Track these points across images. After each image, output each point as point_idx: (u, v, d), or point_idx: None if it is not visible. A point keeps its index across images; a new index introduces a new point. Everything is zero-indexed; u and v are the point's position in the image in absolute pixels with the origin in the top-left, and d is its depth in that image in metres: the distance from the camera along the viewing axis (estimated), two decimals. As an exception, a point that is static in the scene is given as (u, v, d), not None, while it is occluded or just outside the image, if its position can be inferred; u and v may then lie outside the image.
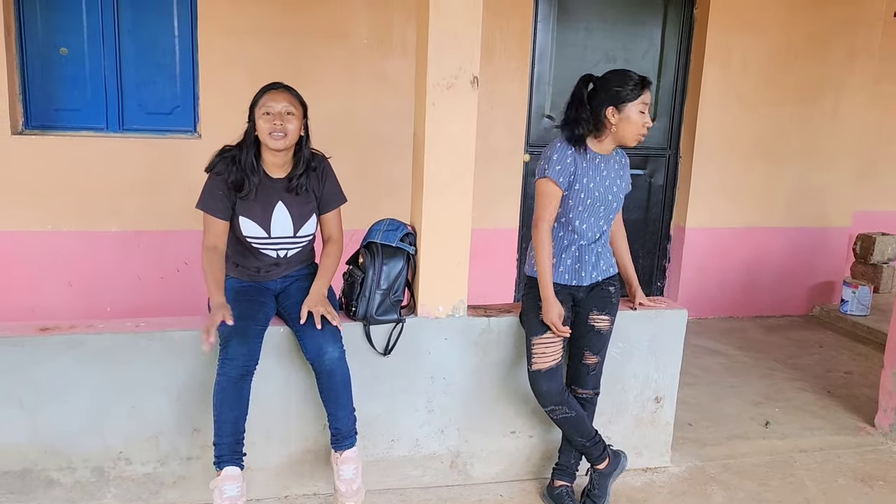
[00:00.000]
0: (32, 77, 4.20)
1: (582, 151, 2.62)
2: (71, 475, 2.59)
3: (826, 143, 5.37)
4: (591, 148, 2.65)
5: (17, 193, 4.17)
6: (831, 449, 3.38)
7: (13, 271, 4.26)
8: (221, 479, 2.40)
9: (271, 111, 2.51)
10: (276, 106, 2.51)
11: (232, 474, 2.41)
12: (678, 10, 5.07)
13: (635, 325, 2.99)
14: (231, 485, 2.39)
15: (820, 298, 5.65)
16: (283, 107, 2.52)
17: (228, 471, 2.41)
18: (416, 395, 2.83)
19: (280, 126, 2.50)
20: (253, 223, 2.60)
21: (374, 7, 4.44)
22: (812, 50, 5.18)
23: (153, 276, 4.44)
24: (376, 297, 2.68)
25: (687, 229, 5.26)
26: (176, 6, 4.29)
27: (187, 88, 4.38)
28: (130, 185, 4.29)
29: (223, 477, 2.40)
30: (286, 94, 2.56)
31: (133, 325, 2.62)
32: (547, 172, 2.59)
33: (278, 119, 2.50)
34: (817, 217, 5.50)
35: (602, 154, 2.67)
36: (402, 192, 3.14)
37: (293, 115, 2.53)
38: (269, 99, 2.53)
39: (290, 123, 2.52)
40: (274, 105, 2.51)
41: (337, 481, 2.56)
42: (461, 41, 2.61)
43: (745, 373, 4.31)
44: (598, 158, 2.66)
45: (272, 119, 2.50)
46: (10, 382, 2.48)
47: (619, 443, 2.99)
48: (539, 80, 4.93)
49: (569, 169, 2.59)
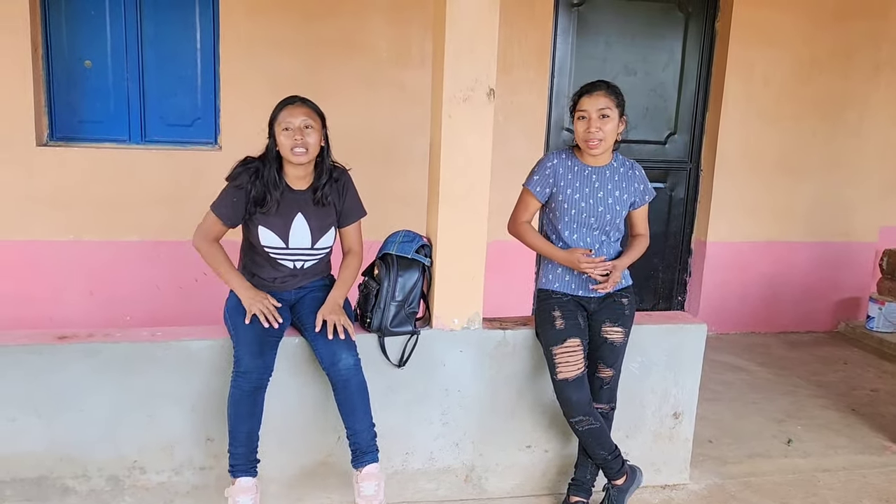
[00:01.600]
0: (58, 89, 4.27)
1: (570, 163, 2.71)
2: (86, 483, 2.60)
3: (850, 158, 5.30)
4: (581, 159, 2.72)
5: (40, 203, 4.23)
6: (856, 468, 3.30)
7: (36, 280, 4.32)
8: (236, 489, 2.43)
9: (290, 126, 2.52)
10: (295, 121, 2.52)
11: (246, 485, 2.43)
12: (699, 24, 5.05)
13: (654, 340, 2.95)
14: (245, 496, 2.42)
15: (845, 314, 5.55)
16: (302, 121, 2.53)
17: (243, 482, 2.44)
18: (430, 408, 2.82)
19: (300, 141, 2.51)
20: (271, 233, 2.61)
21: (393, 19, 4.47)
22: (835, 64, 5.12)
23: (172, 286, 4.47)
24: (391, 308, 2.67)
25: (708, 243, 5.21)
26: (198, 19, 4.35)
27: (208, 100, 4.43)
28: (151, 196, 4.34)
29: (237, 487, 2.43)
30: (304, 107, 2.57)
31: (150, 334, 2.63)
32: (526, 182, 2.78)
33: (298, 134, 2.51)
34: (842, 232, 5.42)
35: (595, 165, 2.72)
36: (418, 203, 3.13)
37: (312, 128, 2.54)
38: (288, 114, 2.53)
39: (309, 137, 2.53)
40: (293, 120, 2.52)
41: (358, 498, 2.50)
42: (477, 54, 2.61)
43: (767, 389, 4.24)
44: (588, 170, 2.71)
45: (292, 134, 2.51)
46: (28, 390, 2.50)
47: (637, 458, 2.95)
48: (558, 93, 4.92)
49: (548, 180, 2.72)
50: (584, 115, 2.63)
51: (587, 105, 2.63)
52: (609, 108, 2.61)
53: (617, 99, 2.65)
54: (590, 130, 2.62)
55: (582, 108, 2.64)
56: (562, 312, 2.68)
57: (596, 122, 2.61)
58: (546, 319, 2.69)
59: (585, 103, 2.63)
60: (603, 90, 2.63)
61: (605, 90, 2.63)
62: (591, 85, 2.67)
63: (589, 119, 2.62)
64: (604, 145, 2.64)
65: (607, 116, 2.61)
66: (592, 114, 2.61)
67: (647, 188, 2.79)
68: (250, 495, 2.42)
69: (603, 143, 2.63)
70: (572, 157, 2.74)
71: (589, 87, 2.66)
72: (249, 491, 2.43)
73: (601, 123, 2.61)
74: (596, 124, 2.61)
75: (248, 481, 2.44)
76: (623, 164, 2.76)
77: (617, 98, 2.65)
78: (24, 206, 4.22)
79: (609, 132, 2.63)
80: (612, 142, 2.68)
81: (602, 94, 2.62)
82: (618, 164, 2.75)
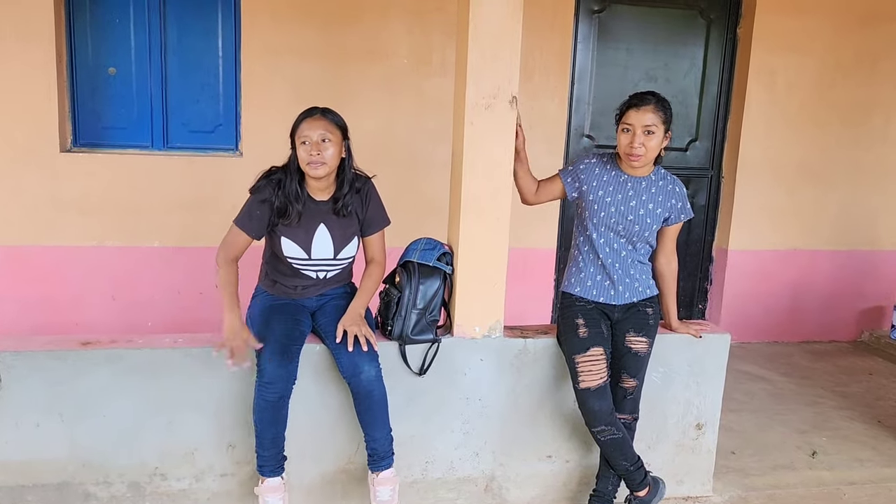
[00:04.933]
0: (82, 96, 4.31)
1: (609, 167, 2.69)
2: (107, 489, 2.61)
3: (875, 165, 5.23)
4: (620, 166, 2.69)
5: (64, 209, 4.27)
6: (882, 482, 3.25)
7: (59, 285, 4.36)
8: (265, 487, 2.52)
9: (308, 140, 2.50)
10: (313, 135, 2.50)
11: (274, 485, 2.52)
12: (721, 30, 5.01)
13: (676, 350, 2.92)
14: (274, 496, 2.52)
15: (869, 324, 5.47)
16: (320, 134, 2.51)
17: (270, 482, 2.52)
18: (451, 417, 2.80)
19: (318, 156, 2.49)
20: (294, 244, 2.61)
21: (415, 27, 4.47)
22: (859, 70, 5.06)
23: (193, 292, 4.49)
24: (412, 316, 2.66)
25: (729, 251, 5.15)
26: (220, 27, 4.38)
27: (230, 107, 4.46)
28: (173, 202, 4.37)
29: (266, 486, 2.52)
30: (322, 120, 2.54)
31: (171, 340, 2.64)
32: (561, 169, 2.81)
33: (315, 149, 2.49)
34: (866, 240, 5.34)
35: (632, 175, 2.68)
36: (440, 211, 3.12)
37: (330, 140, 2.52)
38: (306, 128, 2.52)
39: (327, 150, 2.51)
40: (311, 134, 2.51)
41: (374, 502, 2.55)
42: (500, 62, 2.60)
43: (790, 400, 4.18)
44: (623, 177, 2.68)
45: (309, 149, 2.50)
46: (52, 395, 2.52)
47: (659, 470, 2.92)
48: (578, 100, 4.90)
49: (579, 176, 2.73)
50: (629, 129, 2.57)
51: (633, 119, 2.56)
52: (655, 125, 2.54)
53: (665, 115, 2.57)
54: (633, 145, 2.56)
55: (628, 121, 2.57)
56: (585, 321, 2.66)
57: (640, 137, 2.55)
58: (569, 327, 2.67)
59: (632, 117, 2.56)
60: (651, 105, 2.55)
61: (653, 105, 2.55)
62: (639, 98, 2.58)
63: (633, 133, 2.56)
64: (644, 160, 2.59)
65: (652, 133, 2.55)
66: (637, 129, 2.55)
67: (684, 207, 2.73)
68: (279, 494, 2.52)
69: (644, 158, 2.58)
70: (612, 162, 2.71)
71: (637, 101, 2.57)
72: (278, 490, 2.52)
73: (645, 139, 2.55)
74: (640, 140, 2.55)
75: (276, 481, 2.53)
76: (663, 179, 2.71)
77: (665, 114, 2.57)
78: (47, 211, 4.26)
79: (652, 148, 2.57)
80: (653, 156, 2.62)
81: (650, 110, 2.54)
82: (657, 178, 2.70)
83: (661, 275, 2.83)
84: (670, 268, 2.83)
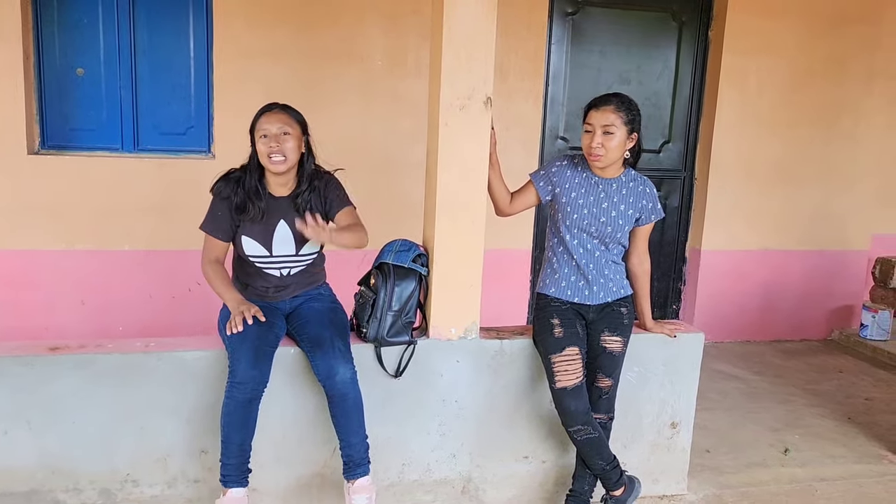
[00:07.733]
0: (49, 97, 4.24)
1: (580, 170, 2.72)
2: (78, 497, 2.56)
3: (844, 165, 5.31)
4: (591, 169, 2.71)
5: (32, 212, 4.19)
6: (853, 478, 3.29)
7: (28, 290, 4.27)
8: (227, 499, 2.41)
9: (267, 133, 2.50)
10: (272, 128, 2.51)
11: (237, 496, 2.42)
12: (693, 33, 5.06)
13: (651, 349, 2.94)
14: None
15: (839, 323, 5.56)
16: (279, 128, 2.51)
17: (233, 492, 2.43)
18: (427, 419, 2.79)
19: (277, 148, 2.49)
20: (255, 242, 2.59)
21: (389, 29, 4.46)
22: (829, 72, 5.14)
23: (165, 296, 4.43)
24: (388, 318, 2.65)
25: (703, 252, 5.20)
26: (192, 27, 4.32)
27: (202, 109, 4.40)
28: (144, 205, 4.31)
29: (228, 498, 2.42)
30: (281, 114, 2.55)
31: (143, 345, 2.60)
32: (533, 173, 2.82)
33: (274, 141, 2.49)
34: (836, 240, 5.42)
35: (603, 177, 2.71)
36: (415, 212, 3.11)
37: (289, 134, 2.52)
38: (265, 121, 2.52)
39: (286, 143, 2.51)
40: (270, 127, 2.51)
41: None
42: (474, 63, 2.60)
43: (763, 398, 4.23)
44: (595, 179, 2.71)
45: (268, 142, 2.50)
46: (20, 402, 2.47)
47: (635, 469, 2.93)
48: (553, 101, 4.92)
49: (551, 179, 2.75)
50: (590, 129, 2.62)
51: (593, 119, 2.61)
52: (614, 125, 2.58)
53: (627, 115, 2.60)
54: (592, 145, 2.60)
55: (589, 121, 2.62)
56: (560, 321, 2.67)
57: (599, 137, 2.59)
58: (545, 328, 2.67)
59: (593, 117, 2.61)
60: (612, 106, 2.59)
61: (613, 106, 2.59)
62: (601, 99, 2.63)
63: (593, 133, 2.60)
64: (605, 160, 2.62)
65: (610, 133, 2.58)
66: (597, 129, 2.59)
67: (655, 207, 2.76)
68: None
69: (604, 158, 2.61)
70: (583, 164, 2.74)
71: (598, 102, 2.63)
72: (241, 501, 2.43)
73: (604, 140, 2.59)
74: (598, 140, 2.59)
75: (240, 492, 2.44)
76: (634, 180, 2.74)
77: (627, 114, 2.60)
78: (15, 215, 4.18)
79: (612, 148, 2.60)
80: (615, 157, 2.64)
81: (610, 111, 2.58)
82: (627, 179, 2.73)
83: (634, 275, 2.86)
84: (643, 268, 2.86)
